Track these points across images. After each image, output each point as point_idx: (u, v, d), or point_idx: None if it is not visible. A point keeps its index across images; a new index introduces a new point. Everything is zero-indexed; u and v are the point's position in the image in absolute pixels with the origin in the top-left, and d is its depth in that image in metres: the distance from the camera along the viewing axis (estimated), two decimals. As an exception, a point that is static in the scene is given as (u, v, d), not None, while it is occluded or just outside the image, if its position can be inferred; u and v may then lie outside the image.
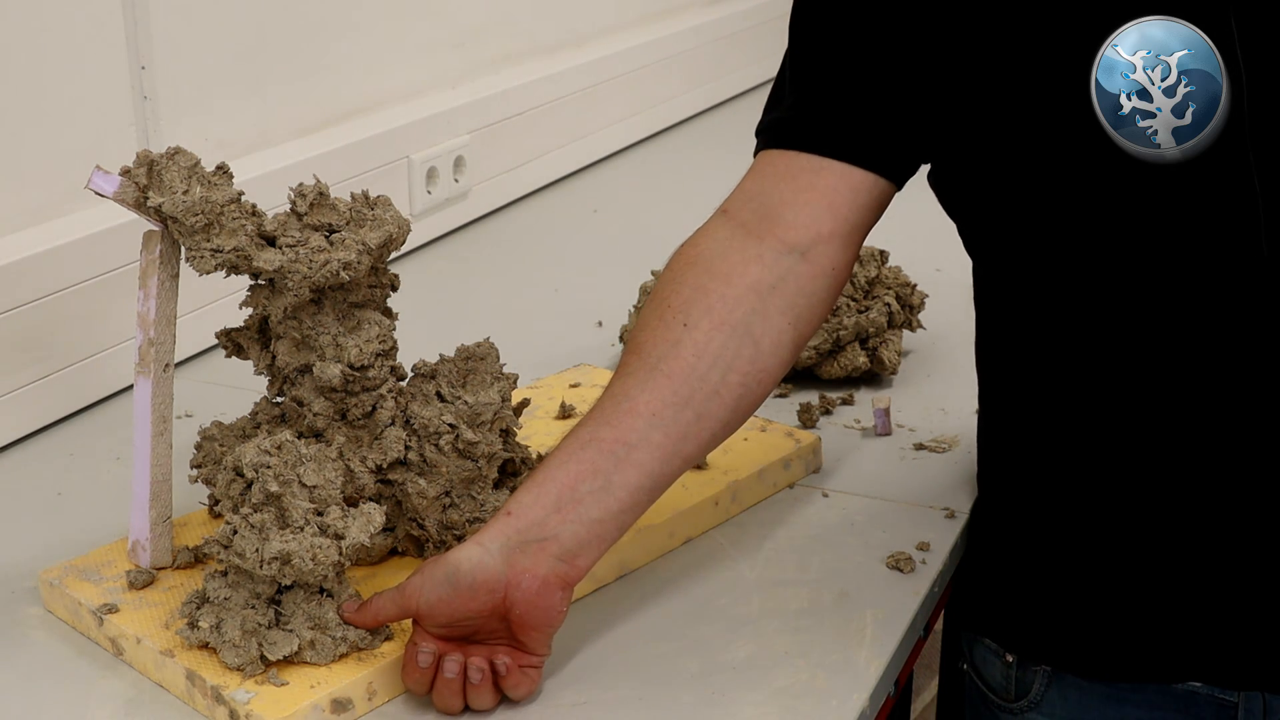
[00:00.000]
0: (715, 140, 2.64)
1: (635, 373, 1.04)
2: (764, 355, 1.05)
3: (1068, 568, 1.12)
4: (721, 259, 1.07)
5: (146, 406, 1.11)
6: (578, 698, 1.03)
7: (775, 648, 1.08)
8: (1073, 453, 1.09)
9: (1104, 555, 1.10)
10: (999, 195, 1.06)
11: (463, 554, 0.99)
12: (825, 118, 1.08)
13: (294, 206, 1.10)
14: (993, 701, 1.20)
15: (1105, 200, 1.02)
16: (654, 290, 1.09)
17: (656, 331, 1.05)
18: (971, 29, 1.02)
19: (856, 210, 1.08)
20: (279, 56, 1.77)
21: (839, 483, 1.33)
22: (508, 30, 2.23)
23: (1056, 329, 1.07)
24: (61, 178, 1.47)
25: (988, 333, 1.16)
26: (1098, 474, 1.08)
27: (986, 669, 1.20)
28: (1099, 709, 1.14)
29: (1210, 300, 1.01)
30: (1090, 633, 1.12)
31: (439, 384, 1.14)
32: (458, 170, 2.04)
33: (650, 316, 1.07)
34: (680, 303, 1.05)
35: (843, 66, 1.08)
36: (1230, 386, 1.02)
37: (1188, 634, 1.09)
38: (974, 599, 1.21)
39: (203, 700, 1.01)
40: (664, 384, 1.03)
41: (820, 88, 1.08)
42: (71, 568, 1.14)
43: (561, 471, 1.01)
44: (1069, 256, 1.05)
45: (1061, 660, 1.14)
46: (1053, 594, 1.13)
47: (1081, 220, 1.04)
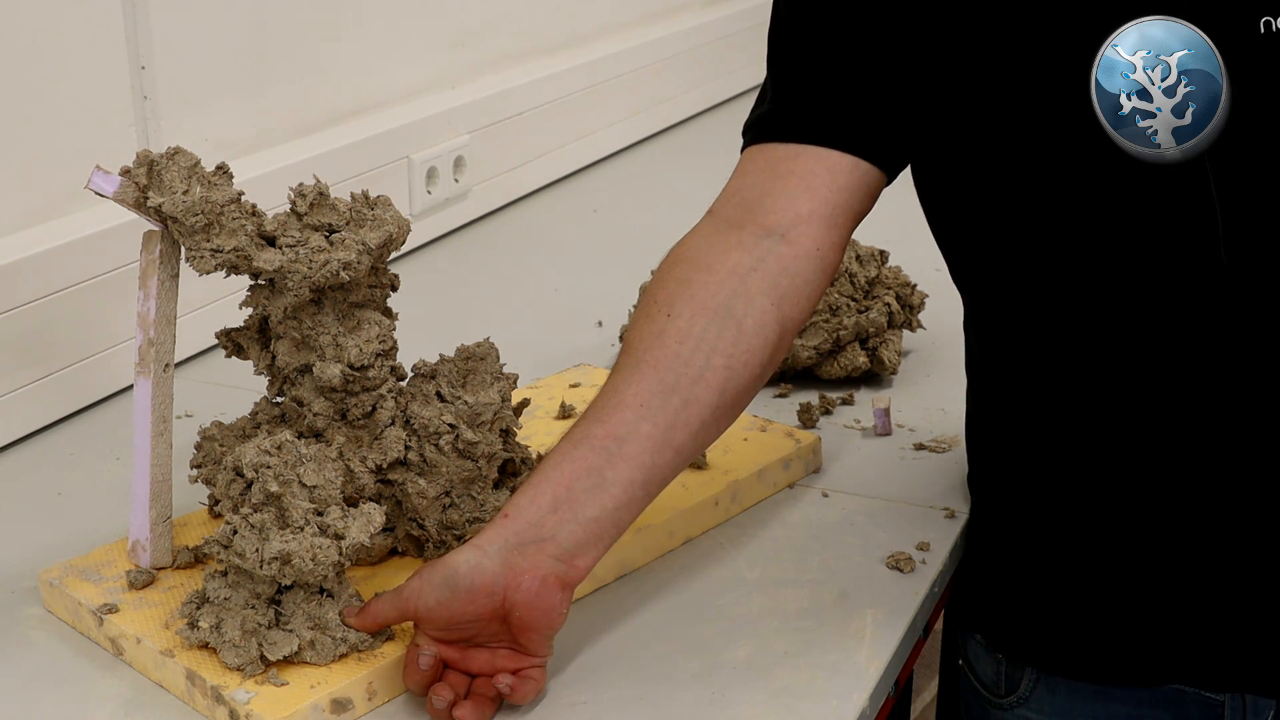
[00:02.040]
0: (715, 140, 2.63)
1: (624, 368, 1.04)
2: (747, 336, 1.04)
3: (1053, 571, 1.12)
4: (704, 252, 1.07)
5: (146, 406, 1.11)
6: (578, 698, 1.03)
7: (775, 648, 1.08)
8: (1057, 458, 1.10)
9: (1089, 560, 1.10)
10: (994, 193, 1.06)
11: (460, 557, 0.99)
12: (801, 107, 1.08)
13: (294, 206, 1.10)
14: (985, 697, 1.20)
15: (1105, 200, 1.02)
16: (644, 292, 1.09)
17: (642, 326, 1.05)
18: (968, 25, 1.02)
19: (836, 191, 1.07)
20: (279, 56, 1.77)
21: (839, 483, 1.33)
22: (508, 30, 2.23)
23: (1047, 331, 1.07)
24: (61, 178, 1.47)
25: (976, 335, 1.17)
26: (1082, 478, 1.09)
27: (979, 665, 1.21)
28: (1087, 706, 1.14)
29: (1207, 300, 1.01)
30: (1076, 636, 1.12)
31: (439, 384, 1.14)
32: (458, 170, 2.04)
33: (638, 314, 1.07)
34: (665, 296, 1.06)
35: (819, 59, 1.08)
36: (1222, 390, 1.02)
37: (1171, 638, 1.09)
38: (968, 597, 1.22)
39: (203, 700, 1.01)
40: (649, 374, 1.02)
41: (797, 81, 1.09)
42: (71, 568, 1.14)
43: (556, 471, 1.01)
44: (1066, 256, 1.05)
45: (1047, 662, 1.15)
46: (1039, 597, 1.14)
47: (1081, 220, 1.04)
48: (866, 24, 1.05)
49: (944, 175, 1.10)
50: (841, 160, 1.07)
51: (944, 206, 1.12)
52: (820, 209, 1.06)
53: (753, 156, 1.10)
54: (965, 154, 1.06)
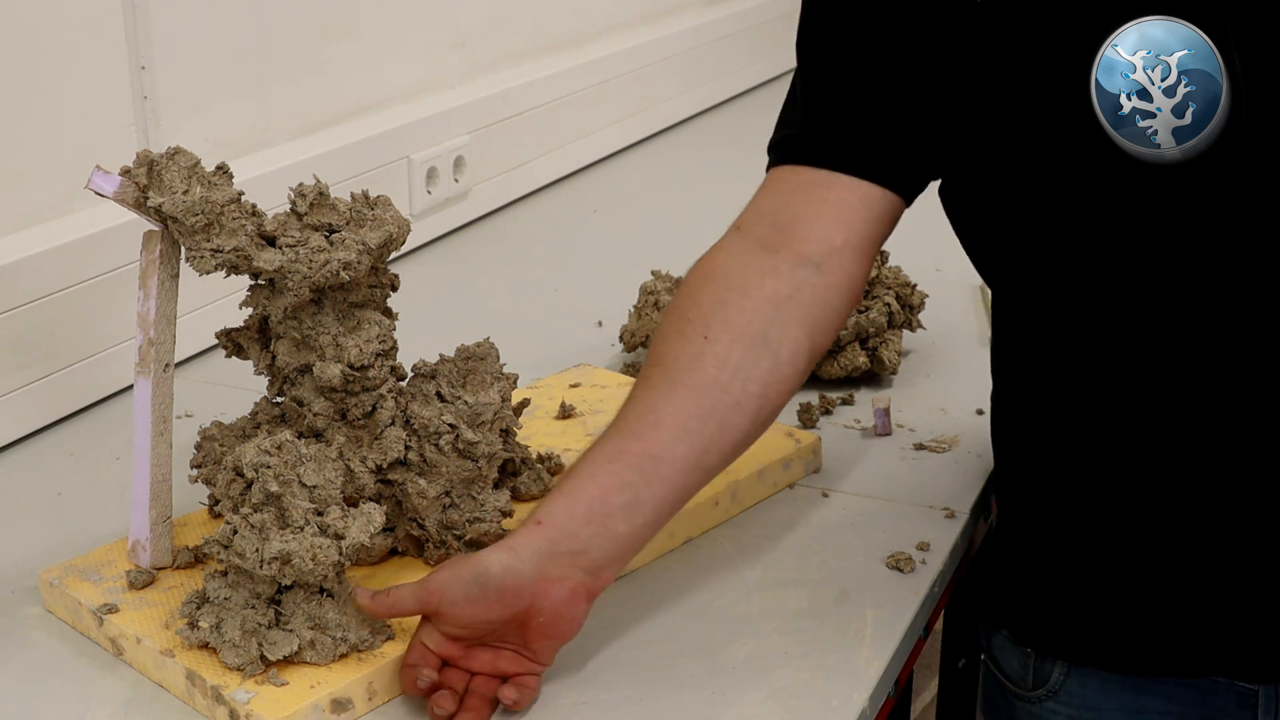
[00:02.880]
0: (715, 140, 2.64)
1: (658, 385, 1.05)
2: (782, 365, 1.06)
3: (1085, 563, 1.12)
4: (739, 273, 1.08)
5: (146, 406, 1.11)
6: (578, 698, 1.03)
7: (775, 648, 1.08)
8: (1087, 450, 1.10)
9: (1121, 551, 1.10)
10: (1002, 195, 1.06)
11: (494, 557, 0.99)
12: (836, 133, 1.09)
13: (294, 206, 1.10)
14: (1010, 691, 1.20)
15: (1105, 200, 1.02)
16: (672, 304, 1.10)
17: (677, 344, 1.06)
18: (973, 33, 1.02)
19: (867, 223, 1.09)
20: (279, 56, 1.77)
21: (839, 483, 1.33)
22: (508, 30, 2.23)
23: (1065, 328, 1.08)
24: (61, 178, 1.47)
25: (1002, 332, 1.17)
26: (1111, 471, 1.09)
27: (1004, 659, 1.20)
28: (1117, 698, 1.14)
29: (1210, 299, 1.01)
30: (1109, 627, 1.12)
31: (439, 384, 1.14)
32: (458, 170, 2.04)
33: (670, 329, 1.07)
34: (700, 315, 1.06)
35: (851, 81, 1.08)
36: (1236, 384, 1.02)
37: (1206, 628, 1.09)
38: (992, 593, 1.22)
39: (203, 700, 1.01)
40: (688, 396, 1.03)
41: (830, 103, 1.09)
42: (71, 568, 1.14)
43: (591, 484, 1.02)
44: (1071, 257, 1.05)
45: (1079, 654, 1.15)
46: (1070, 589, 1.13)
47: (1082, 220, 1.04)
48: (892, 40, 1.06)
49: (960, 180, 1.10)
50: (873, 191, 1.08)
51: (962, 209, 1.12)
52: (853, 239, 1.08)
53: (785, 177, 1.10)
54: (975, 158, 1.06)
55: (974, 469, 1.35)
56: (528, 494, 1.22)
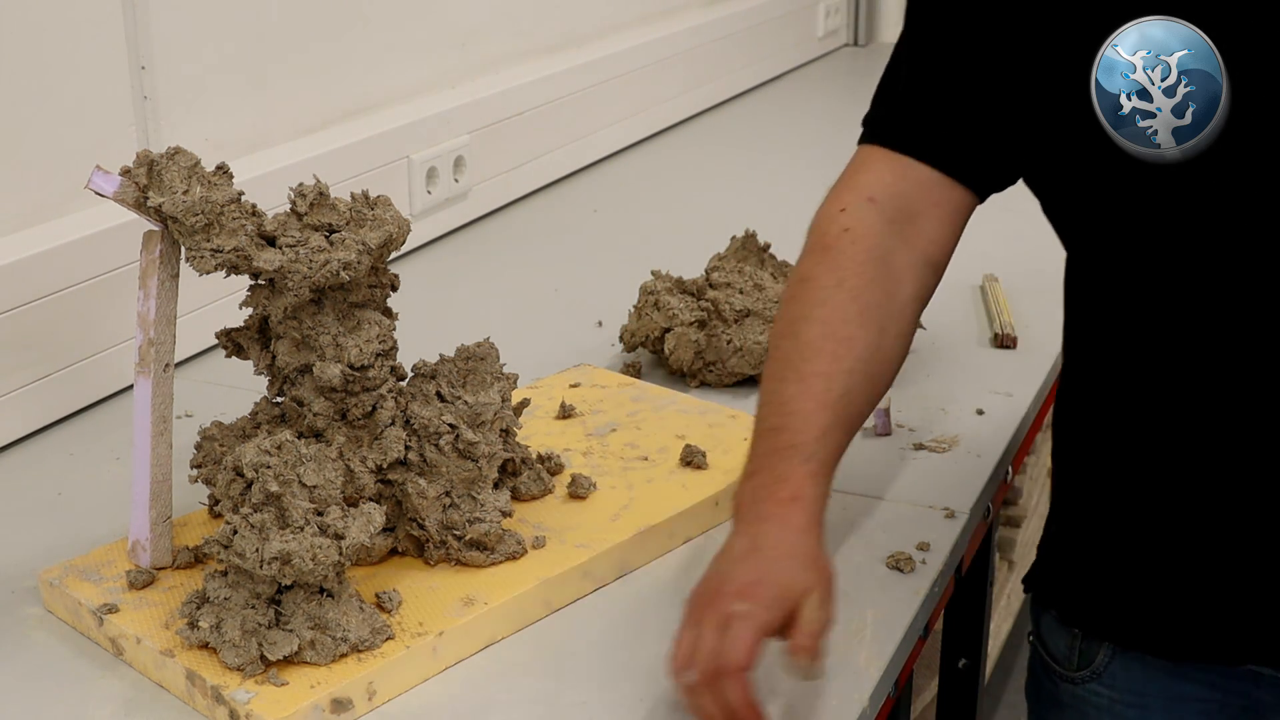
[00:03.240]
0: (715, 140, 2.64)
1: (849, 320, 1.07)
2: (894, 360, 1.11)
3: (1137, 547, 1.12)
4: (888, 256, 1.09)
5: (146, 406, 1.11)
6: (578, 698, 1.03)
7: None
8: (1138, 440, 1.10)
9: (1170, 537, 1.10)
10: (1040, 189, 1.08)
11: (813, 538, 1.01)
12: (955, 138, 1.10)
13: (294, 206, 1.10)
14: (1055, 671, 1.21)
15: (1106, 200, 1.02)
16: (809, 249, 1.11)
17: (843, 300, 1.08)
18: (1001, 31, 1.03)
19: (962, 228, 1.13)
20: (279, 57, 1.77)
21: (839, 483, 1.32)
22: (508, 30, 2.23)
23: (1103, 319, 1.10)
24: (61, 178, 1.47)
25: (1069, 317, 1.18)
26: (1163, 461, 1.09)
27: (1052, 639, 1.21)
28: (1159, 683, 1.15)
29: (1210, 298, 1.02)
30: (1157, 611, 1.13)
31: (439, 384, 1.14)
32: (458, 170, 2.04)
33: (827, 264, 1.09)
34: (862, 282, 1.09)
35: (962, 82, 1.08)
36: (1242, 381, 1.03)
37: (1252, 617, 1.09)
38: (1042, 573, 1.22)
39: (203, 700, 1.01)
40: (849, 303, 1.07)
41: (944, 101, 1.10)
42: (71, 568, 1.14)
43: None
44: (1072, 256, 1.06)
45: (1126, 637, 1.15)
46: (1121, 572, 1.14)
47: (1082, 220, 1.04)
48: (994, 37, 1.06)
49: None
50: (971, 200, 1.12)
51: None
52: (952, 245, 1.13)
53: (906, 164, 1.11)
54: None
55: (974, 469, 1.35)
56: (528, 494, 1.22)
